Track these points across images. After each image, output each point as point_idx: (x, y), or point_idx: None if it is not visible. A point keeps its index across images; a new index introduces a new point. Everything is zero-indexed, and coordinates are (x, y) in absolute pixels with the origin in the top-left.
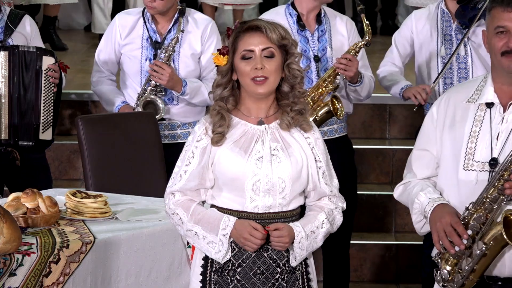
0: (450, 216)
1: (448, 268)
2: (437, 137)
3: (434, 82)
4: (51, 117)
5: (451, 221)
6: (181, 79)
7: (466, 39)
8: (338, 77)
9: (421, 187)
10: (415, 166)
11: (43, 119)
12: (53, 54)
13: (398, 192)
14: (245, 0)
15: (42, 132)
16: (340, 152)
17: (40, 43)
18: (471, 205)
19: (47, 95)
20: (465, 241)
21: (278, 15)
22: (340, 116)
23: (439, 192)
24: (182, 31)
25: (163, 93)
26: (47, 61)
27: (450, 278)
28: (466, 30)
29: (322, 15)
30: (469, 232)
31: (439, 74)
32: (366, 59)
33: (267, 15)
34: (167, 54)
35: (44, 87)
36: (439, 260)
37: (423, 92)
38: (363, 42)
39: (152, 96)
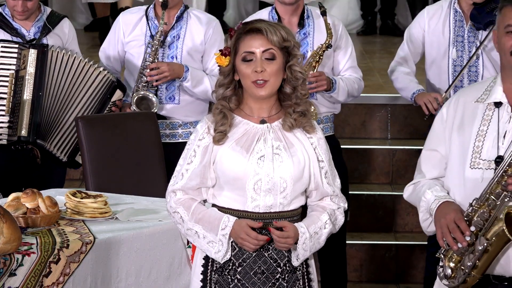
0: (454, 213)
1: (452, 265)
2: (446, 137)
3: (446, 92)
4: None
5: (454, 217)
6: (182, 64)
7: (478, 42)
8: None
9: (429, 186)
10: (424, 166)
11: None
12: (125, 91)
13: (407, 193)
14: None
15: (80, 155)
16: None
17: (76, 47)
18: (474, 201)
19: None
20: (467, 238)
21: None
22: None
23: (447, 191)
24: (165, 24)
25: (156, 88)
26: (117, 95)
27: (453, 275)
28: (484, 36)
29: (306, 16)
30: (472, 228)
31: (451, 84)
32: (354, 60)
33: (253, 18)
34: (153, 48)
35: None
36: (443, 258)
37: (435, 102)
38: (325, 44)
39: (142, 93)
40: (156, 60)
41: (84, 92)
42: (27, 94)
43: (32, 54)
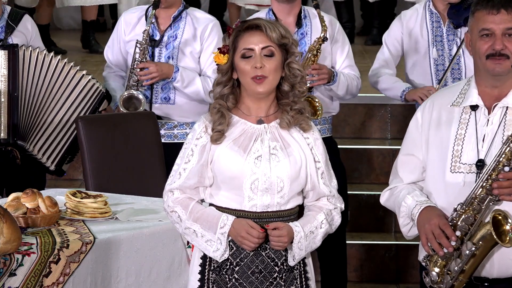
0: (438, 218)
1: (437, 270)
2: (423, 141)
3: (439, 84)
4: (76, 153)
5: (439, 223)
6: (172, 65)
7: (458, 40)
8: (307, 76)
9: (408, 191)
10: (401, 171)
11: (72, 153)
12: (110, 101)
13: (384, 198)
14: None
15: (66, 163)
16: None
17: (40, 44)
18: (459, 206)
19: None
20: (453, 243)
21: None
22: (319, 116)
23: (426, 195)
24: (152, 23)
25: (145, 87)
26: (104, 105)
27: (439, 280)
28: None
29: (303, 16)
30: (458, 233)
31: (442, 76)
32: (351, 59)
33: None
34: (141, 48)
35: None
36: (428, 263)
37: (429, 94)
38: (321, 38)
39: (126, 93)
40: (144, 60)
41: (68, 93)
42: (2, 96)
43: (3, 55)
